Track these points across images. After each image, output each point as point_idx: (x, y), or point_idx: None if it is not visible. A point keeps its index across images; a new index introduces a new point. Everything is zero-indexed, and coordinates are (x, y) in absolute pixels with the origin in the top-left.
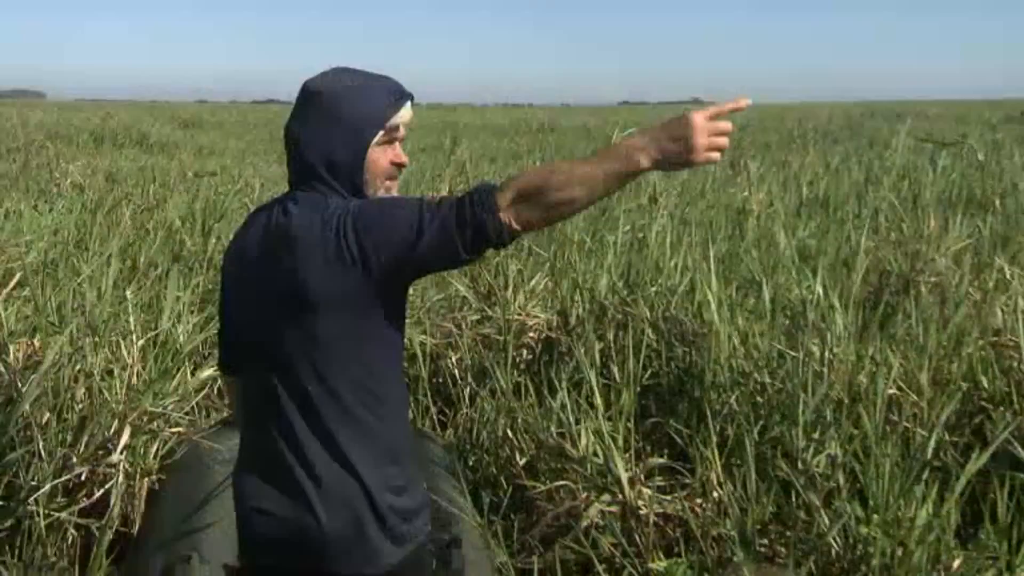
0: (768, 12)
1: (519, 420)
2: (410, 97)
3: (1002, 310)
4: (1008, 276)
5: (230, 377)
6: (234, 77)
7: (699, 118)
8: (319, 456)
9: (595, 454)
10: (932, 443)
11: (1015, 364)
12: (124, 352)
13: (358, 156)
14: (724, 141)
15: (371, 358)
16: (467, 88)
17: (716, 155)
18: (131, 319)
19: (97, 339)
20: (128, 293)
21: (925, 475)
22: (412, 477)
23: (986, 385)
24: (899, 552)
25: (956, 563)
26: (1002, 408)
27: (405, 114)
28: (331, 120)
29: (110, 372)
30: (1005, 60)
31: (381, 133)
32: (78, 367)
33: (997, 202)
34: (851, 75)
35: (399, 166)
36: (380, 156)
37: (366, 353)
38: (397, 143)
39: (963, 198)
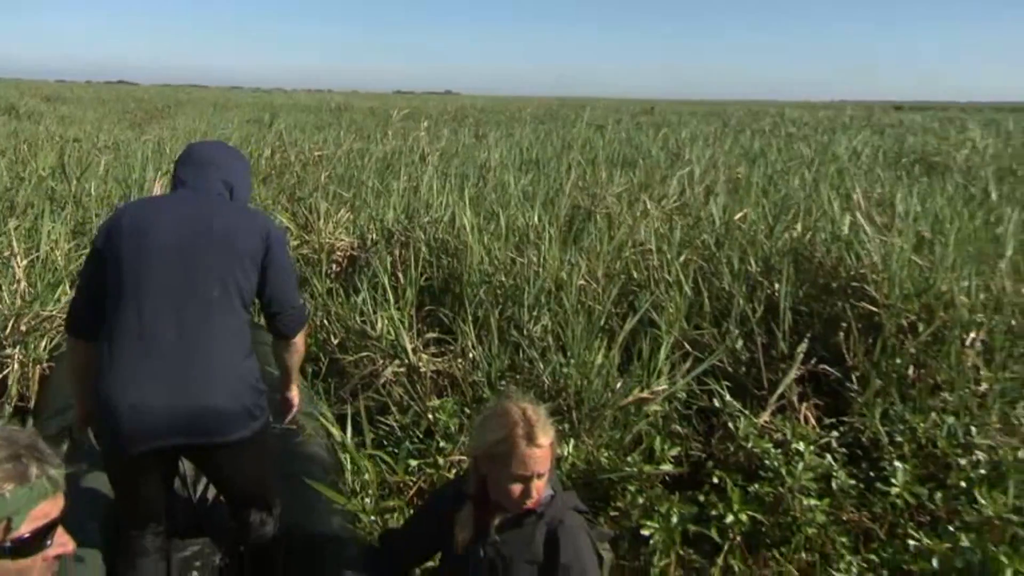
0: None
1: (332, 312)
2: None
3: (644, 229)
4: (648, 208)
5: (83, 342)
6: (89, 60)
7: None
8: (209, 356)
9: (388, 333)
10: (604, 314)
11: (652, 263)
12: (13, 271)
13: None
14: None
15: (241, 295)
16: (280, 75)
17: None
18: (14, 244)
19: None
20: (10, 226)
21: (600, 334)
22: (259, 366)
23: (635, 276)
24: (585, 382)
25: (619, 385)
26: (644, 290)
27: None
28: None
29: None
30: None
31: None
32: None
33: (640, 161)
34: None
35: None
36: None
37: (239, 293)
38: None
39: (620, 159)
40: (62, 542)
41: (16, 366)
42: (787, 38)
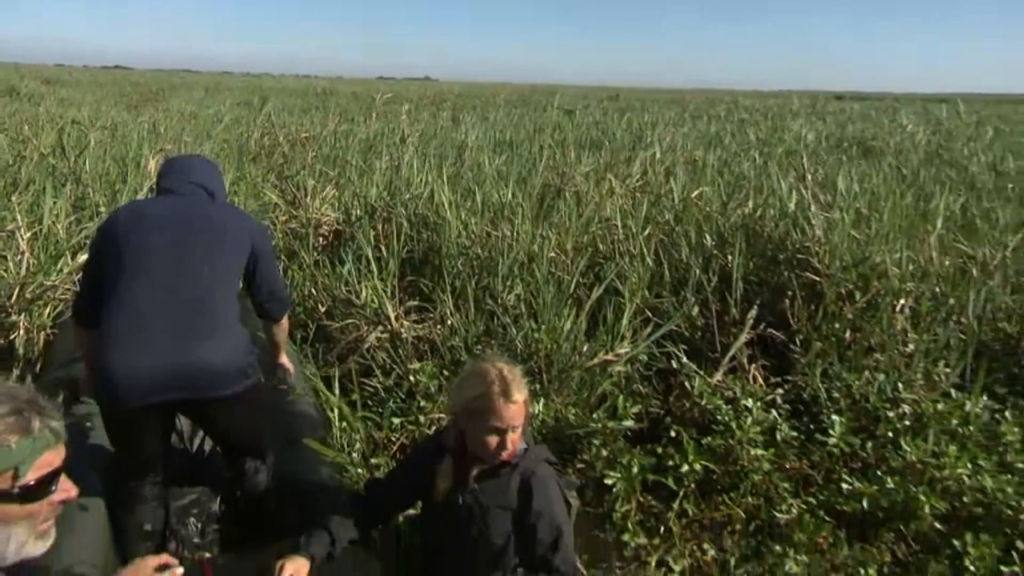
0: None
1: (319, 282)
2: None
3: (609, 206)
4: (614, 186)
5: (88, 329)
6: (87, 45)
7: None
8: (202, 321)
9: (372, 301)
10: (573, 283)
11: (617, 237)
12: (17, 243)
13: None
14: None
15: (228, 274)
16: (269, 61)
17: None
18: (18, 218)
19: None
20: (13, 201)
21: (569, 302)
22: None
23: (602, 249)
24: (555, 346)
25: (585, 348)
26: (610, 261)
27: None
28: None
29: (4, 257)
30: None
31: None
32: None
33: (607, 143)
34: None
35: None
36: None
37: (227, 273)
38: None
39: (588, 141)
40: (65, 488)
41: (22, 332)
42: (741, 32)
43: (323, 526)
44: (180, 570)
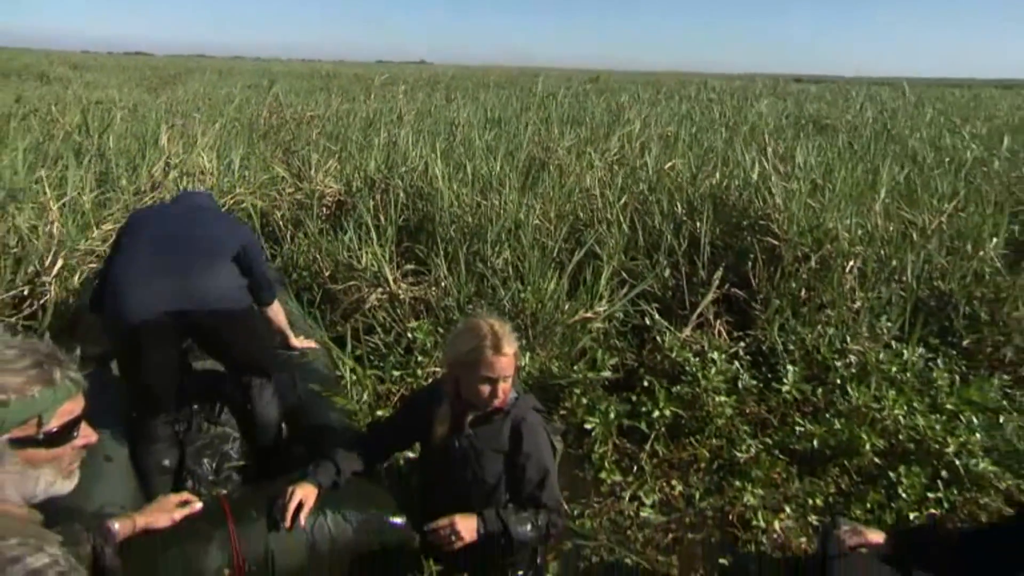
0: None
1: (323, 249)
2: None
3: (589, 178)
4: (593, 160)
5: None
6: (111, 32)
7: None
8: (199, 265)
9: (372, 265)
10: (556, 248)
11: (596, 205)
12: (48, 213)
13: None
14: None
15: (224, 251)
16: (277, 46)
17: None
18: (47, 190)
19: (19, 205)
20: (42, 173)
21: (552, 265)
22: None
23: (582, 217)
24: (539, 305)
25: (567, 307)
26: (589, 228)
27: None
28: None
29: (35, 228)
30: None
31: None
32: (11, 222)
33: (587, 120)
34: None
35: None
36: None
37: (222, 249)
38: None
39: (571, 119)
40: (86, 434)
41: (52, 294)
42: (711, 19)
43: (330, 458)
44: (199, 505)
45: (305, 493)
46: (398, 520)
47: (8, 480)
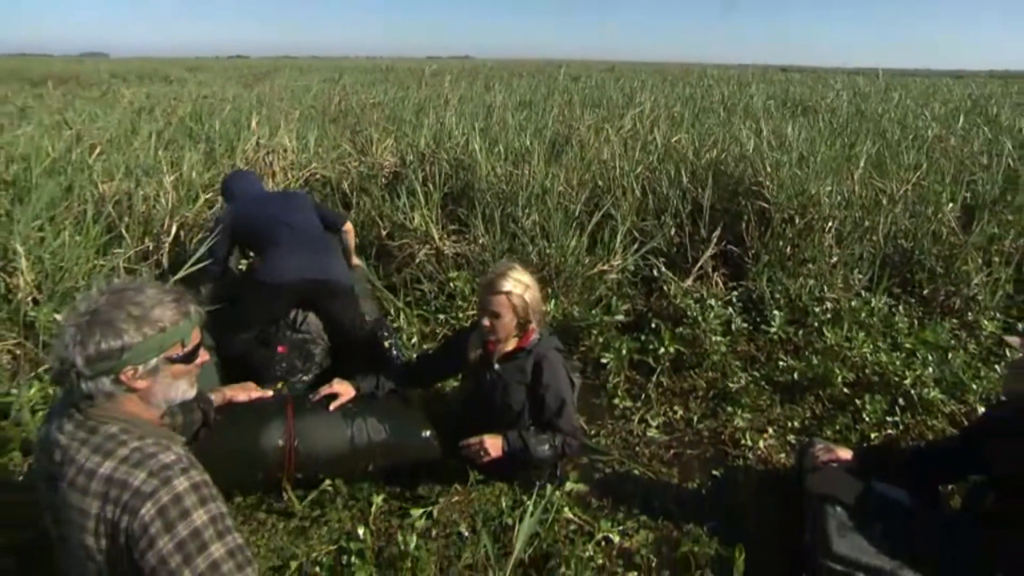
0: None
1: (383, 212)
2: None
3: (606, 151)
4: (610, 135)
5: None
6: (218, 40)
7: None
8: (320, 250)
9: (421, 226)
10: (577, 211)
11: (613, 174)
12: (165, 186)
13: None
14: None
15: (322, 225)
16: (348, 47)
17: None
18: (164, 168)
19: (146, 178)
20: (160, 154)
21: (574, 225)
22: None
23: (600, 184)
24: (563, 259)
25: (586, 260)
26: (607, 194)
27: None
28: None
29: (157, 196)
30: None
31: None
32: (141, 192)
33: (604, 101)
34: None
35: None
36: None
37: (320, 224)
38: None
39: (591, 101)
40: (203, 354)
41: (167, 249)
42: (710, 19)
43: (374, 372)
44: (270, 393)
45: (344, 389)
46: (425, 433)
47: (159, 388)
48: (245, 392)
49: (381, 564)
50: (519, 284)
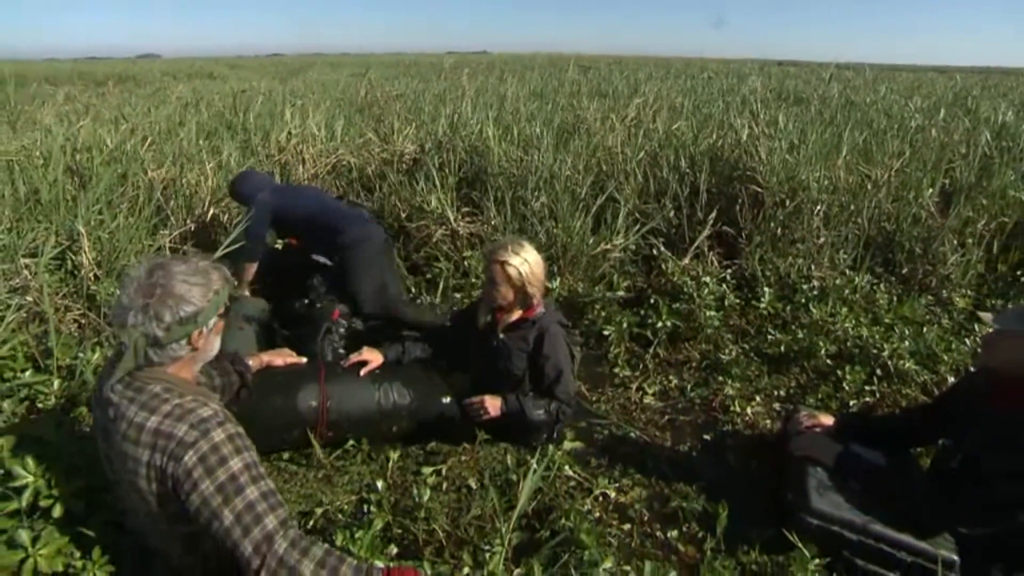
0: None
1: (403, 195)
2: None
3: (611, 138)
4: (615, 124)
5: (252, 264)
6: (257, 39)
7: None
8: None
9: (438, 208)
10: (583, 194)
11: (616, 160)
12: (206, 172)
13: None
14: None
15: None
16: (374, 44)
17: None
18: (204, 155)
19: (189, 164)
20: (202, 143)
21: (580, 207)
22: None
23: (604, 169)
24: (568, 239)
25: (591, 240)
26: (610, 178)
27: None
28: None
29: (199, 183)
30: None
31: None
32: (185, 179)
33: (610, 92)
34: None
35: None
36: None
37: None
38: None
39: (597, 91)
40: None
41: (207, 230)
42: (709, 17)
43: (400, 341)
44: (304, 360)
45: (372, 356)
46: (446, 399)
47: (210, 344)
48: (281, 357)
49: (397, 513)
50: (516, 256)
